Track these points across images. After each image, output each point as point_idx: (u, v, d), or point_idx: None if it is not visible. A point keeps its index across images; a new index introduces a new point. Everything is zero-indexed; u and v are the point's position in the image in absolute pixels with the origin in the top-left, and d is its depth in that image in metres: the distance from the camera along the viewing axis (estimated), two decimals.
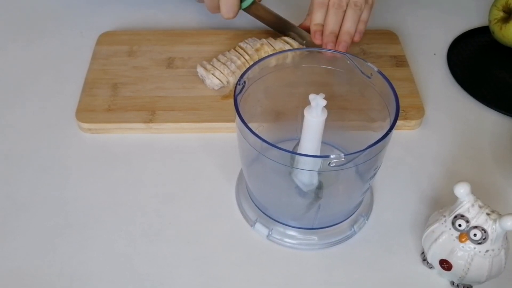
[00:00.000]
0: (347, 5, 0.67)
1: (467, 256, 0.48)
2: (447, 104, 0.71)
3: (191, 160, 0.64)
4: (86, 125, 0.66)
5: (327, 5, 0.68)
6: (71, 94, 0.70)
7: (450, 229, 0.49)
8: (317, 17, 0.68)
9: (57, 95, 0.71)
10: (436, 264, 0.51)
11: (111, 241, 0.56)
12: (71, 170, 0.63)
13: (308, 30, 0.72)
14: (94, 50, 0.75)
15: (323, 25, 0.68)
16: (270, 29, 0.78)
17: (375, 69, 0.53)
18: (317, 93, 0.50)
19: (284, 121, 0.61)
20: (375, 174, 0.53)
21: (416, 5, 0.87)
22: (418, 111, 0.68)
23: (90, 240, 0.56)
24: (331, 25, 0.67)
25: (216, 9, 0.70)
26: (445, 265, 0.50)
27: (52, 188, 0.61)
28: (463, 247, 0.48)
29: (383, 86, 0.52)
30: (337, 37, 0.68)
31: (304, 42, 0.73)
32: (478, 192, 0.49)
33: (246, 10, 0.73)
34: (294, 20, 0.75)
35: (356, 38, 0.69)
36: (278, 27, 0.75)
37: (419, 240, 0.55)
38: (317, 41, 0.68)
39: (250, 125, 0.48)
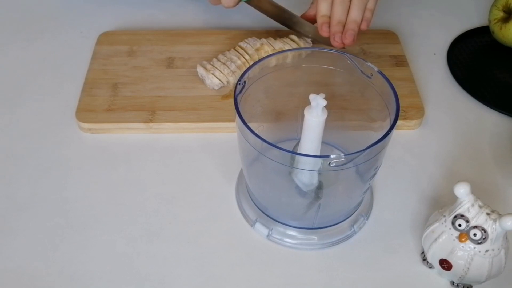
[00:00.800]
0: None
1: (467, 256, 0.48)
2: (447, 104, 0.71)
3: (191, 160, 0.64)
4: (86, 125, 0.66)
5: None
6: (71, 94, 0.70)
7: (450, 229, 0.49)
8: (323, 8, 0.67)
9: (57, 95, 0.71)
10: (436, 264, 0.51)
11: (112, 241, 0.56)
12: (71, 170, 0.63)
13: (313, 19, 0.71)
14: (94, 50, 0.75)
15: (329, 17, 0.68)
16: (270, 28, 0.78)
17: (375, 69, 0.53)
18: (317, 93, 0.50)
19: (284, 121, 0.61)
20: (375, 174, 0.53)
21: (416, 5, 0.87)
22: (418, 111, 0.68)
23: (90, 240, 0.56)
24: (338, 15, 0.66)
25: (218, 1, 0.69)
26: (445, 265, 0.50)
27: (52, 188, 0.61)
28: (463, 247, 0.48)
29: (383, 86, 0.52)
30: (344, 27, 0.67)
31: (310, 35, 0.72)
32: (478, 192, 0.49)
33: (248, 2, 0.71)
34: (299, 12, 0.73)
35: (363, 26, 0.67)
36: (282, 20, 0.74)
37: (419, 240, 0.55)
38: (324, 33, 0.68)
39: (250, 125, 0.48)
